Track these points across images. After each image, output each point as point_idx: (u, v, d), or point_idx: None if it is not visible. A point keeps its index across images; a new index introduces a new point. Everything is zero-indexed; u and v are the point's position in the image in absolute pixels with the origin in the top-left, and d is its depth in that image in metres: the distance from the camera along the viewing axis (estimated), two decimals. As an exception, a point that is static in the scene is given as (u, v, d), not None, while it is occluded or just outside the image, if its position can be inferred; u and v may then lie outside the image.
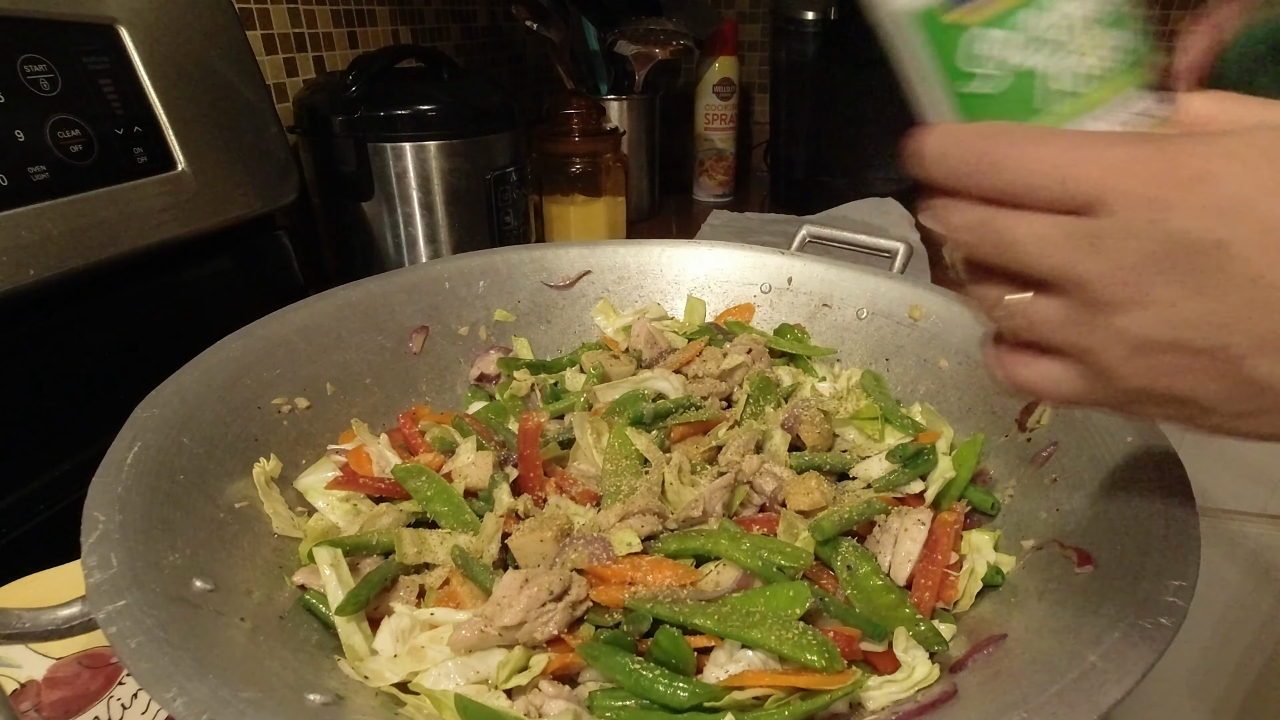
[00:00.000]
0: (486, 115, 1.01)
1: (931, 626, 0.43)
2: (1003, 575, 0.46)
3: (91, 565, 0.34)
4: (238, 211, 0.81)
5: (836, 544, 0.47)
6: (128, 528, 0.37)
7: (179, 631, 0.32)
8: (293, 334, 0.58)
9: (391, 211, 0.99)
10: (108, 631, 0.31)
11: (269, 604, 0.42)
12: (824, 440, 0.58)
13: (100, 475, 0.39)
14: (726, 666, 0.40)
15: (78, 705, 0.46)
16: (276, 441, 0.52)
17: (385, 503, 0.52)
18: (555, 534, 0.46)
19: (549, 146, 1.16)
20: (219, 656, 0.33)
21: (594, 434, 0.57)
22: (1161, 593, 0.34)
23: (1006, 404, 0.56)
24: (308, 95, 1.00)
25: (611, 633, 0.41)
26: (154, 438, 0.43)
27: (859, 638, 0.41)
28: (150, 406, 0.45)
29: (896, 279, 0.69)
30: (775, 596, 0.42)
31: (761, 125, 1.75)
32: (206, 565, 0.39)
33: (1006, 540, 0.49)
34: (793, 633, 0.39)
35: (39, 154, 0.62)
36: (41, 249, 0.61)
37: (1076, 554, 0.41)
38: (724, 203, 1.58)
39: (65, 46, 0.66)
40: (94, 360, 0.69)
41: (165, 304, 0.77)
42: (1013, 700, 0.31)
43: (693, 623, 0.40)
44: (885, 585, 0.45)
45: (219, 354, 0.52)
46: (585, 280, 0.75)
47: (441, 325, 0.68)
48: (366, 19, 1.22)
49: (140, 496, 0.39)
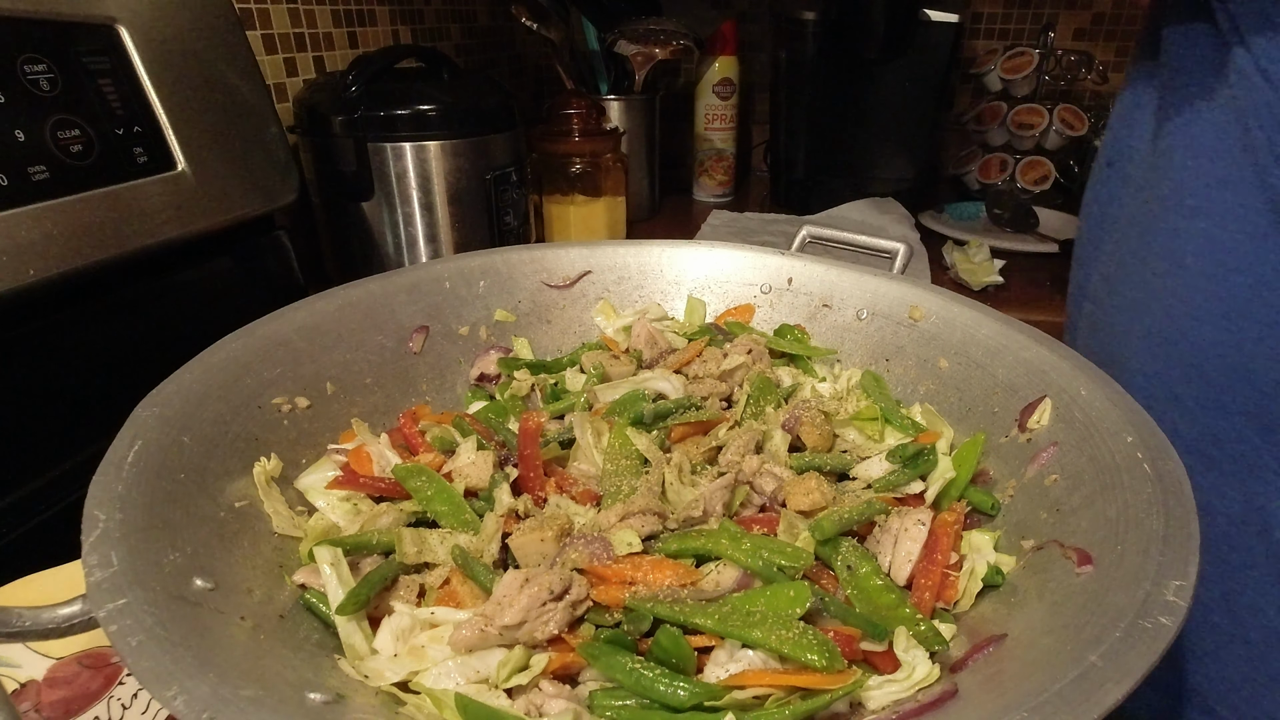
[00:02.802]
0: (486, 115, 1.01)
1: (932, 626, 0.43)
2: (1003, 575, 0.46)
3: (92, 564, 0.34)
4: (238, 211, 0.81)
5: (836, 544, 0.47)
6: (128, 526, 0.37)
7: (179, 630, 0.32)
8: (293, 333, 0.57)
9: (391, 211, 1.00)
10: (108, 629, 0.31)
11: (269, 603, 0.42)
12: (824, 441, 0.58)
13: (100, 474, 0.39)
14: (727, 666, 0.40)
15: (78, 705, 0.46)
16: (277, 441, 0.52)
17: (385, 502, 0.52)
18: (555, 534, 0.46)
19: (549, 146, 1.16)
20: (219, 655, 0.33)
21: (594, 434, 0.57)
22: (1161, 593, 0.34)
23: (1006, 404, 0.56)
24: (308, 95, 1.00)
25: (612, 632, 0.41)
26: (154, 436, 0.43)
27: (859, 637, 0.41)
28: (151, 405, 0.45)
29: (896, 279, 0.69)
30: (775, 596, 0.42)
31: (761, 125, 1.75)
32: (207, 564, 0.39)
33: (1006, 540, 0.49)
34: (793, 632, 0.39)
35: (39, 154, 0.62)
36: (41, 249, 0.61)
37: (1076, 554, 0.41)
38: (724, 203, 1.58)
39: (65, 46, 0.66)
40: (94, 360, 0.69)
41: (165, 304, 0.77)
42: (1013, 700, 0.31)
43: (693, 622, 0.40)
44: (885, 585, 0.45)
45: (219, 353, 0.52)
46: (585, 280, 0.75)
47: (442, 325, 0.68)
48: (366, 19, 1.22)
49: (141, 495, 0.39)
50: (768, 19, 1.67)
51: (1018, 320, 0.59)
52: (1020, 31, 1.63)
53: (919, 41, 1.35)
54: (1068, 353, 0.54)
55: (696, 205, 1.58)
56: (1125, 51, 1.61)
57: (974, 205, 1.41)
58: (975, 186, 1.54)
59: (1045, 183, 1.47)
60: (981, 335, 0.60)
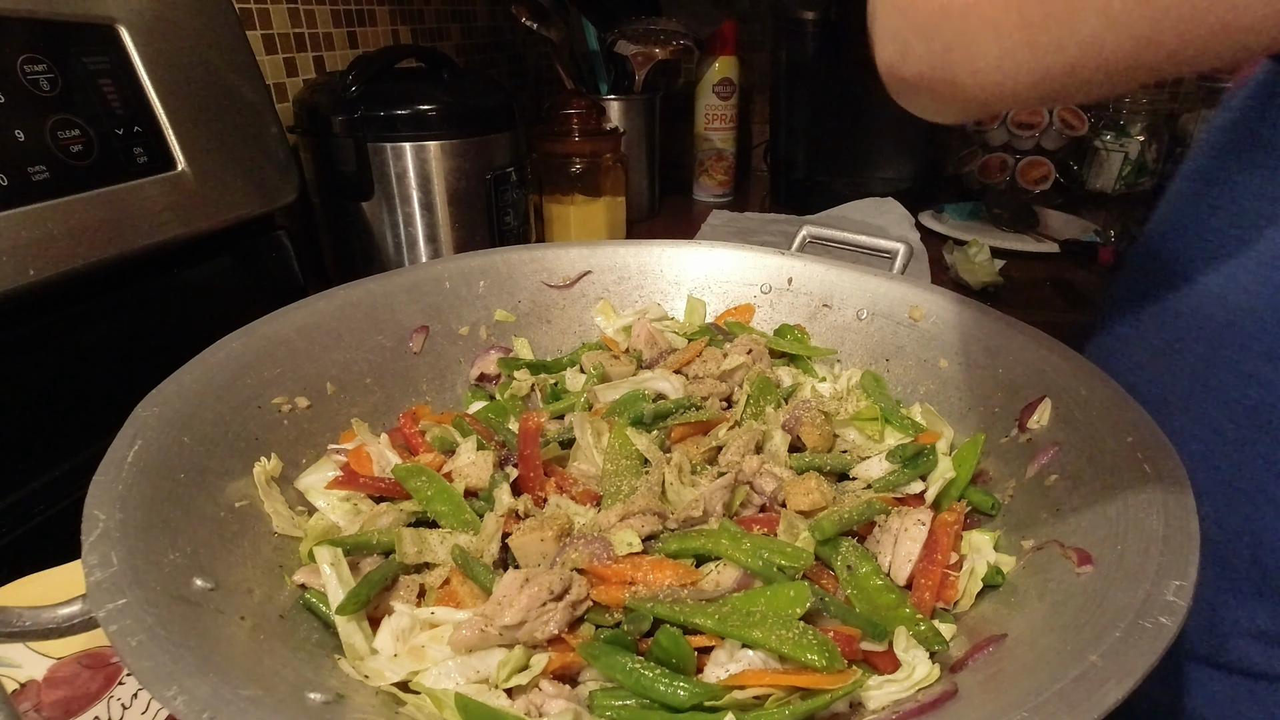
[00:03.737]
0: (486, 115, 1.01)
1: (932, 626, 0.43)
2: (1003, 575, 0.46)
3: (92, 563, 0.34)
4: (238, 211, 0.81)
5: (836, 544, 0.47)
6: (128, 526, 0.37)
7: (179, 630, 0.32)
8: (293, 333, 0.57)
9: (391, 211, 1.00)
10: (108, 630, 0.31)
11: (269, 602, 0.42)
12: (824, 441, 0.58)
13: (101, 474, 0.39)
14: (727, 666, 0.40)
15: (78, 705, 0.46)
16: (277, 441, 0.52)
17: (385, 502, 0.52)
18: (556, 533, 0.46)
19: (549, 146, 1.16)
20: (219, 655, 0.33)
21: (594, 434, 0.57)
22: (1161, 592, 0.34)
23: (1006, 404, 0.56)
24: (308, 95, 1.00)
25: (612, 632, 0.41)
26: (154, 436, 0.43)
27: (859, 637, 0.41)
28: (151, 405, 0.45)
29: (896, 280, 0.69)
30: (776, 596, 0.42)
31: (761, 125, 1.75)
32: (207, 564, 0.39)
33: (1006, 540, 0.49)
34: (793, 632, 0.39)
35: (39, 154, 0.62)
36: (41, 249, 0.61)
37: (1076, 554, 0.41)
38: (724, 203, 1.58)
39: (65, 46, 0.66)
40: (94, 360, 0.69)
41: (165, 304, 0.77)
42: (1013, 700, 0.31)
43: (693, 622, 0.40)
44: (885, 585, 0.45)
45: (219, 353, 0.52)
46: (585, 280, 0.75)
47: (442, 325, 0.68)
48: (366, 19, 1.22)
49: (141, 495, 0.39)
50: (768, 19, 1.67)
51: (1018, 320, 0.59)
52: (1020, 31, 1.62)
53: (919, 41, 1.34)
54: (1068, 353, 0.54)
55: (696, 205, 1.58)
56: (1125, 51, 1.61)
57: (974, 205, 1.41)
58: (975, 186, 1.54)
59: (1045, 183, 1.47)
60: (981, 335, 0.60)
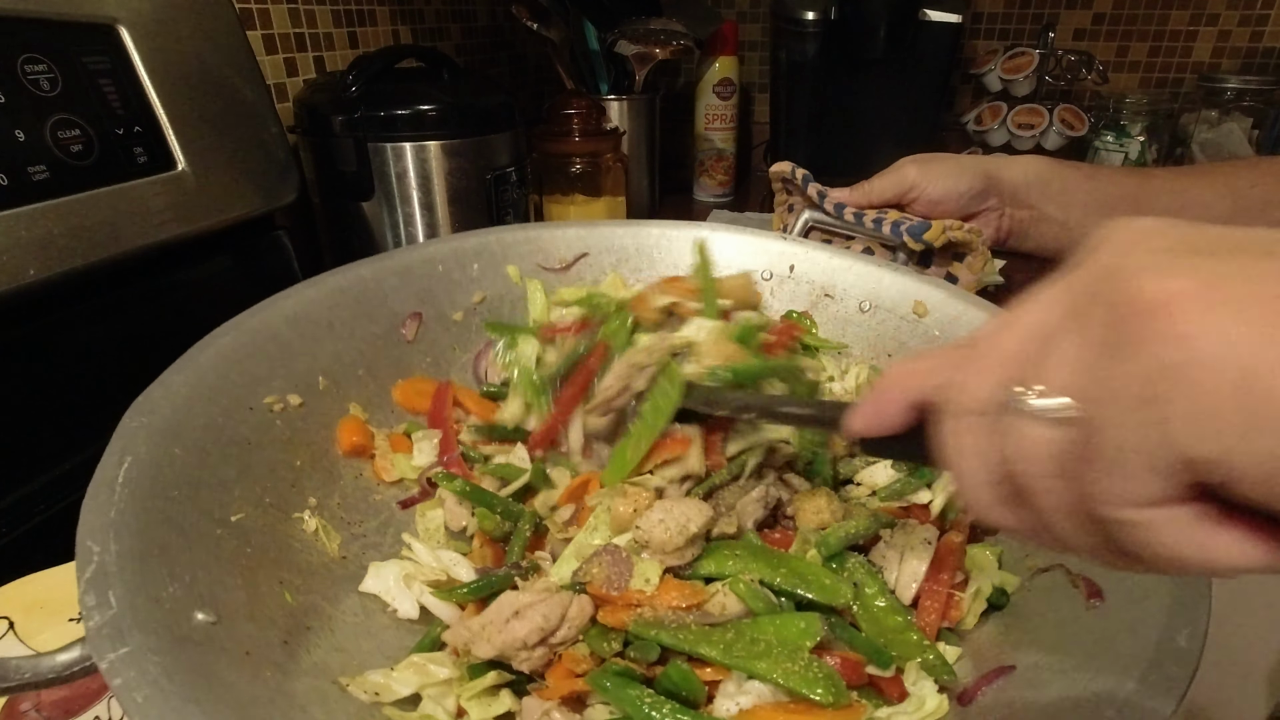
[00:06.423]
0: (486, 115, 1.01)
1: (940, 655, 0.42)
2: (1007, 596, 0.46)
3: (90, 605, 0.32)
4: (238, 211, 0.81)
5: (843, 559, 0.46)
6: (124, 557, 0.35)
7: (184, 679, 0.31)
8: (282, 324, 0.56)
9: (391, 211, 0.99)
10: (113, 683, 0.30)
11: (272, 627, 0.40)
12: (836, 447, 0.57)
13: (91, 498, 0.38)
14: (736, 699, 0.39)
15: (78, 705, 0.45)
16: (270, 442, 0.50)
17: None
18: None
19: (549, 146, 1.16)
20: (225, 706, 0.32)
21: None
22: (1173, 639, 0.34)
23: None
24: (308, 95, 1.00)
25: (621, 664, 0.40)
26: (144, 450, 0.41)
27: (865, 663, 0.41)
28: (138, 414, 0.43)
29: (900, 271, 0.68)
30: (785, 626, 0.41)
31: (761, 125, 1.75)
32: (206, 592, 0.38)
33: (1010, 557, 0.48)
34: (799, 665, 0.38)
35: (39, 154, 0.62)
36: (41, 249, 0.61)
37: (1085, 584, 0.41)
38: (724, 203, 1.58)
39: (65, 46, 0.66)
40: (94, 360, 0.69)
41: (165, 304, 0.76)
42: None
43: (698, 651, 0.40)
44: (892, 606, 0.44)
45: (207, 350, 0.50)
46: (582, 263, 0.73)
47: (435, 310, 0.66)
48: (366, 19, 1.22)
49: (134, 519, 0.38)
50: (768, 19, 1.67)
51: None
52: (1020, 31, 1.63)
53: (919, 42, 1.35)
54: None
55: (696, 205, 1.58)
56: (1125, 51, 1.61)
57: (974, 205, 1.41)
58: (976, 186, 1.53)
59: (1046, 182, 1.46)
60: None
